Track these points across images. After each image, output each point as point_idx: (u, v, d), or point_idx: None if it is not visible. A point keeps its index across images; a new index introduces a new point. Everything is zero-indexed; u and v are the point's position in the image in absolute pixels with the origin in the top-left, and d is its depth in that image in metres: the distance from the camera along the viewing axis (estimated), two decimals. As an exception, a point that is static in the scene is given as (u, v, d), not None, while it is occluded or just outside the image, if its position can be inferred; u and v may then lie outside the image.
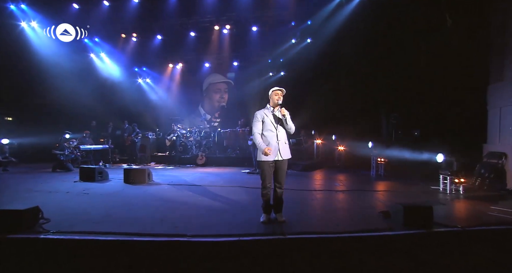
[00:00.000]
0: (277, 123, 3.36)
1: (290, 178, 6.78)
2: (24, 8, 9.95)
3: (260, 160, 3.35)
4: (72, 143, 7.69)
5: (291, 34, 10.53)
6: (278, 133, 3.34)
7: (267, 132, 3.34)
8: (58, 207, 3.82)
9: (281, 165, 3.37)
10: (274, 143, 3.32)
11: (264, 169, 3.34)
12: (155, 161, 9.97)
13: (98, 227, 2.95)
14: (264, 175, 3.35)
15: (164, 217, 3.47)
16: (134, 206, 4.01)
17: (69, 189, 5.10)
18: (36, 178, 6.61)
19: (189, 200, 4.45)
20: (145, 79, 12.72)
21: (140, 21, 10.30)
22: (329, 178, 7.05)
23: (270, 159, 3.30)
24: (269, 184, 3.37)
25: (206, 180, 6.41)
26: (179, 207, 4.02)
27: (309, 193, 5.12)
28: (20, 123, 12.43)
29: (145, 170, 5.88)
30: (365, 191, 5.29)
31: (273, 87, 3.43)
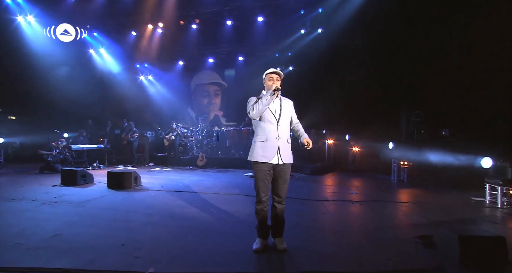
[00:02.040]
0: (279, 114, 2.49)
1: (297, 183, 5.85)
2: (20, 2, 9.49)
3: (252, 160, 2.47)
4: (60, 143, 7.05)
5: (300, 24, 9.55)
6: (279, 127, 2.47)
7: (265, 124, 2.48)
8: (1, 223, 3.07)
9: (281, 171, 2.48)
10: (273, 139, 2.44)
11: (258, 175, 2.45)
12: (154, 162, 9.27)
13: (24, 257, 2.15)
14: (258, 185, 2.46)
15: (129, 239, 2.63)
16: (100, 220, 3.20)
17: (39, 196, 4.38)
18: (15, 180, 5.98)
19: (173, 212, 3.62)
20: (147, 76, 12.07)
21: (139, 14, 9.62)
22: (342, 183, 6.05)
23: (267, 160, 2.41)
24: (265, 197, 2.48)
25: (201, 185, 5.58)
26: (157, 222, 3.19)
27: (319, 204, 4.17)
28: (22, 122, 12.10)
29: (131, 173, 5.10)
30: (388, 202, 4.29)
31: (267, 70, 2.55)
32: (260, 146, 2.45)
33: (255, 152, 2.46)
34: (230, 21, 9.97)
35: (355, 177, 6.98)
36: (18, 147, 11.67)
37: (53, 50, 9.82)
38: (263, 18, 9.71)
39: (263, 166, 2.43)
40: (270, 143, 2.44)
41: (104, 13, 9.47)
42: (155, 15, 9.71)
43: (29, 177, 6.41)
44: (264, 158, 2.42)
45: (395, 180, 6.12)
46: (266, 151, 2.43)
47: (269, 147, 2.43)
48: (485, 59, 6.13)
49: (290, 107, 2.62)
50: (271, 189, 2.53)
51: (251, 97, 2.57)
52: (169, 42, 10.79)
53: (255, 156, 2.45)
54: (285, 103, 2.58)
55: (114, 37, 10.33)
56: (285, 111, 2.54)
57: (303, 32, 9.76)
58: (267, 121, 2.48)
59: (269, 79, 2.53)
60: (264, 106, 2.40)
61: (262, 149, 2.44)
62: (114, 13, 9.56)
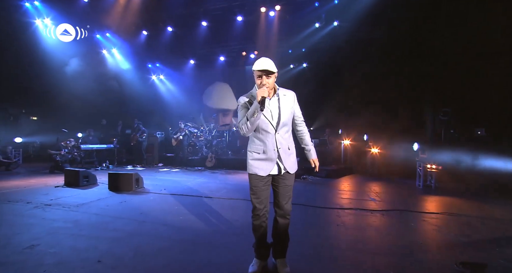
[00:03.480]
0: (278, 119, 1.97)
1: (309, 187, 5.32)
2: (37, 5, 9.67)
3: (248, 172, 2.02)
4: (69, 142, 6.99)
5: (314, 18, 8.95)
6: (278, 136, 1.97)
7: (260, 134, 1.98)
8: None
9: (282, 180, 2.02)
10: (271, 151, 1.96)
11: (253, 183, 2.01)
12: (163, 162, 9.07)
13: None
14: (255, 196, 2.01)
15: (109, 253, 2.28)
16: (86, 228, 2.90)
17: (36, 198, 4.20)
18: (24, 180, 5.94)
19: (167, 219, 3.25)
20: (159, 75, 11.97)
21: (150, 13, 9.48)
22: (360, 188, 5.44)
23: (264, 173, 1.96)
24: (264, 210, 2.02)
25: (206, 188, 5.22)
26: (146, 232, 2.83)
27: (333, 213, 3.64)
28: (43, 122, 12.46)
29: (132, 175, 4.83)
30: (415, 213, 3.67)
31: (254, 65, 1.91)
32: (256, 158, 1.99)
33: (249, 164, 2.01)
34: (240, 17, 9.58)
35: (374, 181, 6.31)
36: (38, 146, 12.02)
37: (68, 52, 9.96)
38: (275, 12, 9.23)
39: (260, 176, 1.98)
40: (267, 155, 1.96)
41: (116, 14, 9.42)
42: (164, 14, 9.54)
43: (38, 177, 6.37)
44: (260, 170, 1.97)
45: (421, 185, 5.41)
46: (263, 164, 1.97)
47: (266, 160, 1.96)
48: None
49: (292, 104, 2.05)
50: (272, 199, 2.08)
51: (240, 99, 2.03)
52: (180, 41, 10.60)
53: (250, 168, 2.01)
54: (284, 101, 2.00)
55: (126, 37, 10.28)
56: (285, 113, 1.99)
57: (317, 26, 9.15)
58: (262, 131, 1.97)
59: (257, 77, 1.89)
60: (253, 123, 1.87)
61: (257, 161, 1.98)
62: (126, 13, 9.48)
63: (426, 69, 7.39)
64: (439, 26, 7.01)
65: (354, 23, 8.28)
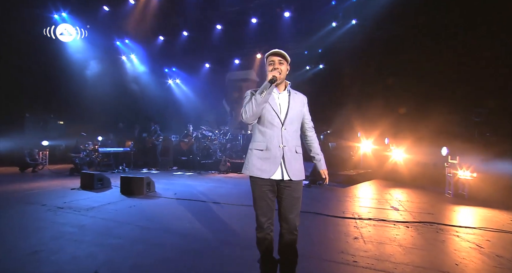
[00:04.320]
0: (286, 113, 1.82)
1: (325, 194, 5.02)
2: (64, 16, 10.24)
3: (247, 174, 1.84)
4: (87, 145, 7.21)
5: (330, 17, 8.65)
6: (285, 131, 1.79)
7: (265, 127, 1.81)
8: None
9: (288, 190, 1.80)
10: (275, 148, 1.78)
11: (256, 192, 1.82)
12: (177, 166, 9.11)
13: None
14: (256, 205, 1.82)
15: (107, 263, 2.19)
16: (90, 234, 2.85)
17: (52, 200, 4.29)
18: (44, 181, 6.18)
19: (172, 226, 3.14)
20: (175, 79, 12.19)
21: (166, 18, 9.69)
22: (381, 196, 5.03)
23: (266, 175, 1.76)
24: (268, 222, 1.82)
25: (217, 193, 5.09)
26: (149, 239, 2.73)
27: (350, 223, 3.33)
28: (69, 126, 13.13)
29: (143, 179, 4.81)
30: (446, 226, 3.26)
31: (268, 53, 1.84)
32: (258, 156, 1.80)
33: (250, 163, 1.82)
34: (255, 19, 9.50)
35: (396, 187, 5.85)
36: (64, 149, 12.66)
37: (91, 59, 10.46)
38: (290, 13, 9.04)
39: (262, 180, 1.78)
40: (271, 152, 1.77)
41: (134, 20, 9.72)
42: (180, 19, 9.69)
43: (58, 179, 6.60)
44: (262, 172, 1.77)
45: (451, 194, 4.90)
46: (266, 164, 1.77)
47: (269, 159, 1.77)
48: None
49: (302, 105, 1.91)
50: (277, 212, 1.87)
51: (247, 91, 1.89)
52: (195, 45, 10.71)
53: (251, 168, 1.80)
54: (294, 99, 1.89)
55: (143, 43, 10.58)
56: (293, 109, 1.84)
57: (334, 25, 8.84)
58: (268, 124, 1.80)
59: (269, 63, 1.82)
60: (259, 105, 1.71)
61: (260, 160, 1.79)
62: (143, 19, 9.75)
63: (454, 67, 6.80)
64: (466, 20, 6.43)
65: (374, 21, 7.87)
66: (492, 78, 6.15)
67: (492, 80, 6.16)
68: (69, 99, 12.14)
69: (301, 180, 1.84)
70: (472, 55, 6.43)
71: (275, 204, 1.85)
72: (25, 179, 6.69)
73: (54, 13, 10.06)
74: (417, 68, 7.26)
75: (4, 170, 8.16)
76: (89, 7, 9.81)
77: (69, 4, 9.77)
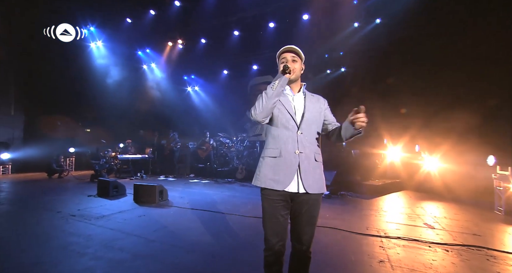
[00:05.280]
0: (302, 115, 1.62)
1: (346, 206, 4.62)
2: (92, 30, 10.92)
3: (258, 185, 1.62)
4: (107, 152, 7.44)
5: (352, 17, 8.28)
6: (301, 136, 1.58)
7: (278, 130, 1.61)
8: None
9: (304, 205, 1.58)
10: (290, 154, 1.56)
11: (266, 207, 1.59)
12: (194, 173, 9.11)
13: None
14: (266, 222, 1.59)
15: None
16: (93, 246, 2.79)
17: (67, 207, 4.38)
18: (66, 187, 6.43)
19: (179, 239, 3.00)
20: (194, 87, 12.41)
21: (183, 26, 9.93)
22: (412, 210, 4.52)
23: (280, 187, 1.54)
24: (279, 244, 1.57)
25: (231, 203, 4.92)
26: (152, 253, 2.60)
27: (374, 242, 2.95)
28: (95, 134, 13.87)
29: (155, 187, 4.78)
30: (500, 253, 2.75)
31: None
32: (270, 165, 1.59)
33: (262, 173, 1.61)
34: (272, 24, 9.40)
35: (430, 200, 5.26)
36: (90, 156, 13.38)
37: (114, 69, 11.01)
38: (308, 15, 8.83)
39: (275, 193, 1.55)
40: (285, 160, 1.55)
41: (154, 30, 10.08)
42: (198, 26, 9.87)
43: (80, 185, 6.85)
44: (275, 183, 1.55)
45: (503, 211, 4.25)
46: (279, 173, 1.55)
47: (283, 167, 1.55)
48: None
49: (320, 108, 1.70)
50: (289, 230, 1.64)
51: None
52: (213, 52, 10.84)
53: (262, 179, 1.59)
54: (311, 100, 1.69)
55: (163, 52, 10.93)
56: (310, 112, 1.64)
57: (356, 25, 8.45)
58: (281, 126, 1.60)
59: (281, 62, 1.67)
60: (270, 99, 1.51)
61: (272, 169, 1.57)
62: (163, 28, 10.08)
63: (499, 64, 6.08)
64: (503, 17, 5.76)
65: (400, 19, 7.37)
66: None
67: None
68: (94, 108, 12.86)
69: (320, 193, 1.59)
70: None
71: (288, 221, 1.62)
72: (49, 184, 7.03)
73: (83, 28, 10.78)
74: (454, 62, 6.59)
75: (34, 175, 8.70)
76: (114, 20, 10.38)
77: (96, 19, 10.41)
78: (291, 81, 1.67)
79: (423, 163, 6.37)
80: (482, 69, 6.13)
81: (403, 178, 6.79)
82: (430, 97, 6.84)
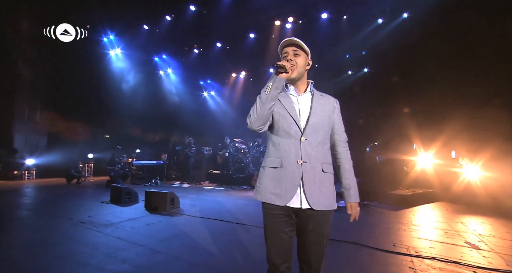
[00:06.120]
0: (307, 119, 1.44)
1: (370, 218, 4.29)
2: (112, 38, 11.49)
3: (258, 199, 1.46)
4: (122, 158, 7.65)
5: (376, 13, 7.95)
6: (305, 143, 1.40)
7: (279, 137, 1.45)
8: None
9: (310, 221, 1.39)
10: (292, 165, 1.39)
11: (268, 224, 1.43)
12: (209, 180, 9.10)
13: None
14: (268, 240, 1.43)
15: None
16: (95, 255, 2.76)
17: (79, 214, 4.47)
18: (81, 193, 6.65)
19: (185, 250, 2.90)
20: (210, 92, 12.57)
21: (200, 31, 10.12)
22: (449, 225, 4.08)
23: (281, 202, 1.37)
24: (284, 266, 1.39)
25: (245, 212, 4.78)
26: (154, 267, 2.51)
27: (404, 261, 2.64)
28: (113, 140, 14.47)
29: (166, 195, 4.76)
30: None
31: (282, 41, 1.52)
32: (271, 176, 1.42)
33: (262, 185, 1.45)
34: (289, 25, 9.31)
35: (473, 214, 4.73)
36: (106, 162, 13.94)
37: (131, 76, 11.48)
38: (327, 14, 8.63)
39: (276, 208, 1.39)
40: (286, 171, 1.38)
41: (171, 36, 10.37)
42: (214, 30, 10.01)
43: (95, 191, 7.06)
44: (276, 197, 1.38)
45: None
46: (280, 185, 1.39)
47: (284, 179, 1.38)
48: None
49: (330, 111, 1.51)
50: (296, 251, 1.46)
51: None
52: (229, 56, 10.93)
53: (262, 192, 1.43)
54: (319, 102, 1.50)
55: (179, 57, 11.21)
56: (317, 115, 1.45)
57: (380, 22, 8.10)
58: (283, 132, 1.43)
59: (282, 57, 1.49)
60: (264, 104, 1.34)
61: (273, 181, 1.41)
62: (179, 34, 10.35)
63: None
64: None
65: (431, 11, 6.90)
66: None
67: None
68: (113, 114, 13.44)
69: (328, 210, 1.40)
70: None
71: (294, 240, 1.44)
72: (66, 190, 7.32)
73: (104, 37, 11.38)
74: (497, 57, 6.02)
75: (54, 181, 9.15)
76: (132, 28, 10.85)
77: (115, 27, 10.95)
78: (293, 80, 1.50)
79: (462, 171, 5.82)
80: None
81: (437, 187, 6.24)
82: (468, 97, 6.29)
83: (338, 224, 4.20)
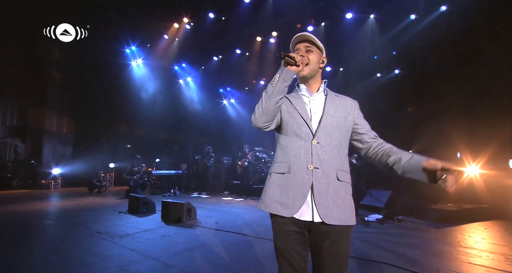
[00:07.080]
0: (319, 120, 1.31)
1: (407, 237, 3.91)
2: (133, 49, 12.15)
3: (263, 209, 1.34)
4: (141, 168, 7.85)
5: (408, 8, 7.60)
6: (317, 146, 1.27)
7: (288, 139, 1.33)
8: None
9: (325, 238, 1.24)
10: (301, 170, 1.26)
11: (277, 241, 1.30)
12: (229, 190, 9.04)
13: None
14: (280, 260, 1.30)
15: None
16: (108, 267, 2.74)
17: (96, 224, 4.57)
18: (100, 203, 6.88)
19: (198, 266, 2.80)
20: (229, 99, 12.72)
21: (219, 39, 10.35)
22: (510, 250, 3.59)
23: (287, 212, 1.24)
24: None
25: (263, 225, 4.62)
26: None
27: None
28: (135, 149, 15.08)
29: (183, 205, 4.74)
30: None
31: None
32: (277, 183, 1.30)
33: (267, 193, 1.33)
34: (311, 27, 9.23)
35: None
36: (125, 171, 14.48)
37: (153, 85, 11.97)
38: (352, 14, 8.44)
39: (285, 222, 1.25)
40: (294, 177, 1.25)
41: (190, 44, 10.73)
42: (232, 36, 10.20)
43: (115, 201, 7.28)
44: (282, 207, 1.25)
45: None
46: (287, 194, 1.26)
47: (292, 186, 1.25)
48: None
49: (346, 112, 1.36)
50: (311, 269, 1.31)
51: None
52: (248, 62, 11.05)
53: (267, 201, 1.30)
54: (334, 102, 1.37)
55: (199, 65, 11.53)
56: (331, 115, 1.32)
57: (413, 18, 7.73)
58: (292, 134, 1.31)
59: (295, 52, 1.38)
60: (270, 98, 1.24)
61: (280, 188, 1.28)
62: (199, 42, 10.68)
63: None
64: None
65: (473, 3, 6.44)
66: None
67: None
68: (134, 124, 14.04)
69: (345, 226, 1.23)
70: None
71: (308, 259, 1.29)
72: (87, 199, 7.61)
73: (126, 48, 12.06)
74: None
75: (77, 190, 9.61)
76: (153, 38, 11.41)
77: (137, 39, 11.58)
78: (305, 78, 1.38)
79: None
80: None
81: (490, 203, 5.61)
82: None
83: (367, 240, 3.92)
